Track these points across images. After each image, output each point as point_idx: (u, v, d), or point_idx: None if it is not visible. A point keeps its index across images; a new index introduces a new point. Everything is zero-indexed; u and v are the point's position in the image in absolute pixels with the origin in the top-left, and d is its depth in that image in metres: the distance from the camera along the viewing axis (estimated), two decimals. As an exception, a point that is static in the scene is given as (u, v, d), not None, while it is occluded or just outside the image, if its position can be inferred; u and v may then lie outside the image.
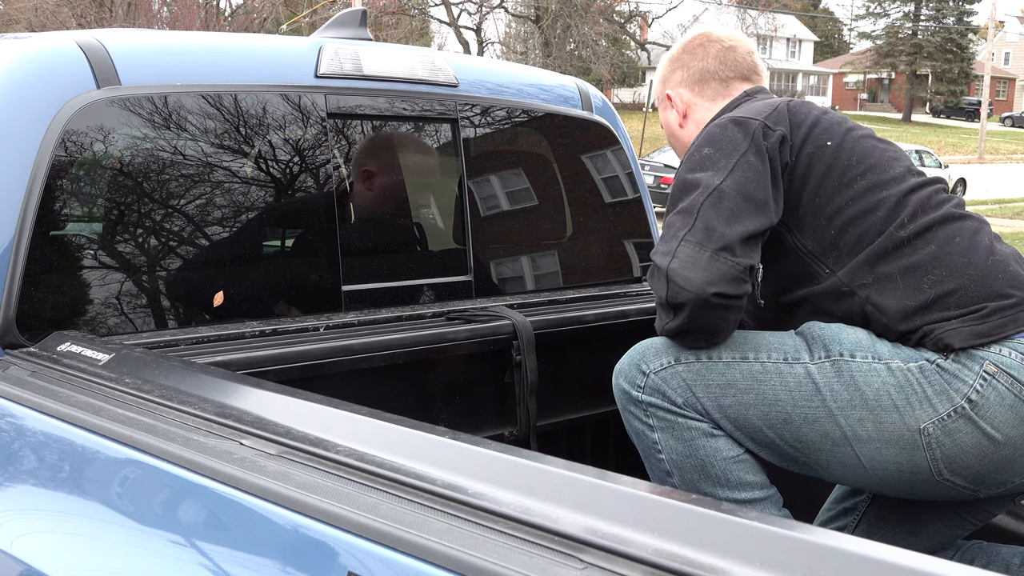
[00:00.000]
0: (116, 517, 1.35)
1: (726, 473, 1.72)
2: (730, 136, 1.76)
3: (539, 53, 34.24)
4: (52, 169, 1.78)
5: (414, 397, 2.08)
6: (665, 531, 0.91)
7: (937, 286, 1.66)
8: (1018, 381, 1.59)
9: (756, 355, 1.71)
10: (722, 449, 1.72)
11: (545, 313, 2.31)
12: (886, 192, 1.75)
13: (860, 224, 1.73)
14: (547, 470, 1.06)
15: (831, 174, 1.76)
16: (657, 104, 2.17)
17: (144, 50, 2.03)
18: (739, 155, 1.72)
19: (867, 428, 1.63)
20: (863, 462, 1.65)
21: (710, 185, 1.69)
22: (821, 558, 0.85)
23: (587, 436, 2.57)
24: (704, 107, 2.04)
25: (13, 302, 1.72)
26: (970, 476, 1.62)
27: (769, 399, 1.68)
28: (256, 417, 1.29)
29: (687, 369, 1.71)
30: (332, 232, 2.15)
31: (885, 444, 1.63)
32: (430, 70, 2.37)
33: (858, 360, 1.65)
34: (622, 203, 2.78)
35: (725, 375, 1.70)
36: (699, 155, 1.76)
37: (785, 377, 1.68)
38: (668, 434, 1.73)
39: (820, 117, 1.83)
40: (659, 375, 1.73)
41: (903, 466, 1.64)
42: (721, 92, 2.03)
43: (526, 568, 0.89)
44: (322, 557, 1.05)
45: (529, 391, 2.17)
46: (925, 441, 1.61)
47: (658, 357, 1.74)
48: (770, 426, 1.69)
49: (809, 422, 1.66)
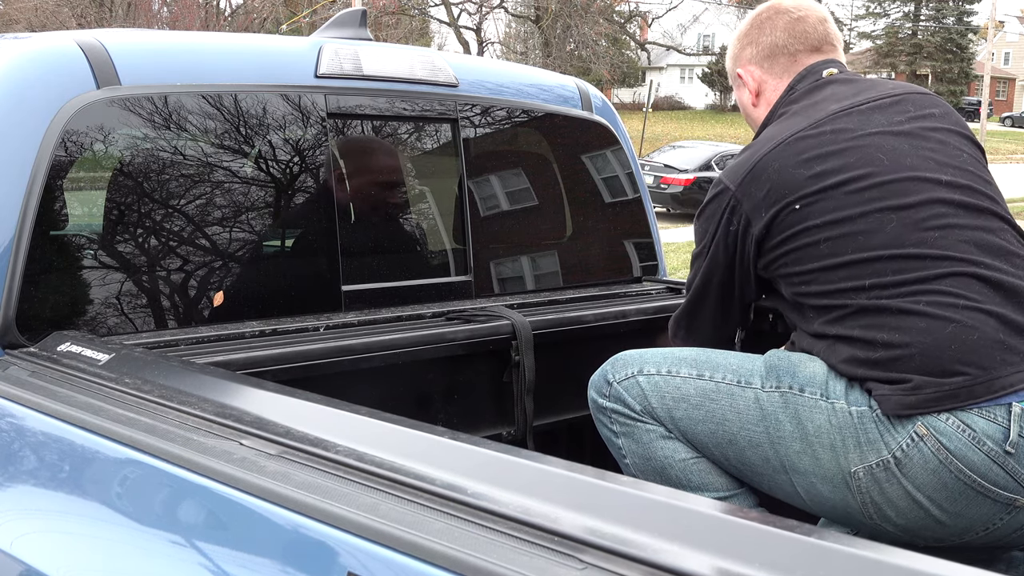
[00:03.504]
0: (116, 517, 1.35)
1: (686, 475, 1.78)
2: (708, 213, 1.86)
3: (539, 53, 34.25)
4: (52, 169, 1.78)
5: (413, 397, 2.08)
6: (665, 531, 0.91)
7: (885, 349, 1.61)
8: (945, 448, 1.55)
9: (712, 374, 1.77)
10: (678, 451, 1.78)
11: (544, 313, 2.31)
12: (854, 255, 1.66)
13: (828, 294, 1.69)
14: (547, 470, 1.06)
15: (797, 239, 1.72)
16: (731, 82, 2.14)
17: (144, 50, 2.03)
18: (709, 241, 1.85)
19: (804, 462, 1.66)
20: (801, 493, 1.69)
21: (695, 272, 1.92)
22: (821, 558, 0.85)
23: (586, 436, 2.57)
24: (773, 85, 1.99)
25: (13, 302, 1.72)
26: (900, 526, 1.63)
27: (717, 418, 1.74)
28: (256, 417, 1.29)
29: (647, 380, 1.80)
30: (332, 232, 2.15)
31: (820, 480, 1.65)
32: (430, 70, 2.37)
33: (806, 395, 1.66)
34: (622, 203, 2.78)
35: (680, 389, 1.77)
36: (696, 226, 1.92)
37: (735, 399, 1.73)
38: (629, 439, 1.83)
39: (791, 174, 1.72)
40: (621, 384, 1.83)
41: (836, 503, 1.66)
42: (789, 67, 1.97)
43: (526, 568, 0.89)
44: (322, 557, 1.05)
45: (527, 391, 2.17)
46: (855, 484, 1.62)
47: (624, 368, 1.84)
48: (716, 444, 1.75)
49: (752, 446, 1.71)
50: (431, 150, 2.46)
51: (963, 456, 1.55)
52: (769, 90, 1.99)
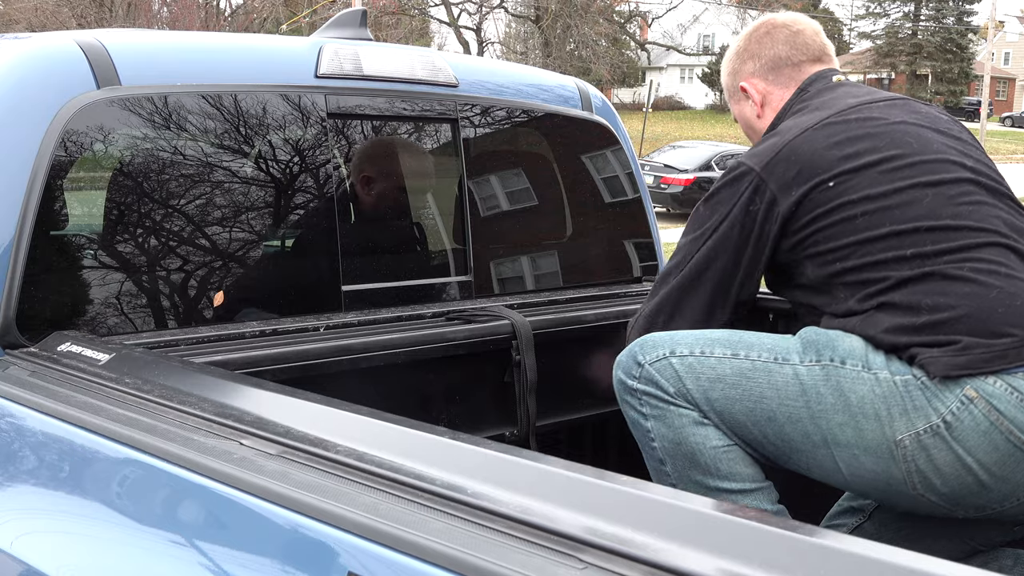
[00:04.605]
0: (116, 517, 1.35)
1: (715, 462, 1.75)
2: (721, 196, 1.84)
3: (539, 53, 34.25)
4: (52, 169, 1.78)
5: (414, 397, 2.08)
6: (664, 531, 0.91)
7: (931, 313, 1.64)
8: (996, 410, 1.57)
9: (747, 353, 1.75)
10: (711, 438, 1.75)
11: (544, 313, 2.31)
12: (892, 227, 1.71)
13: (867, 267, 1.72)
14: (547, 470, 1.06)
15: (832, 215, 1.75)
16: (728, 99, 2.18)
17: (144, 50, 2.03)
18: (719, 220, 1.83)
19: (847, 434, 1.65)
20: (841, 467, 1.68)
21: (686, 258, 1.87)
22: (821, 558, 0.85)
23: (587, 436, 2.57)
24: (778, 95, 2.04)
25: (13, 302, 1.72)
26: (944, 495, 1.63)
27: (755, 396, 1.72)
28: (256, 417, 1.29)
29: (680, 362, 1.77)
30: (332, 232, 2.15)
31: (863, 452, 1.65)
32: (430, 70, 2.37)
33: (847, 367, 1.66)
34: (622, 203, 2.78)
35: (716, 369, 1.74)
36: (697, 212, 1.89)
37: (773, 376, 1.71)
38: (660, 422, 1.78)
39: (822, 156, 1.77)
40: (653, 366, 1.78)
41: (879, 475, 1.65)
42: (793, 77, 2.04)
43: (526, 568, 0.89)
44: (322, 557, 1.05)
45: (528, 391, 2.17)
46: (901, 453, 1.62)
47: (654, 349, 1.80)
48: (754, 423, 1.73)
49: (792, 422, 1.69)
50: (431, 150, 2.46)
51: (1013, 417, 1.57)
52: (775, 100, 2.04)
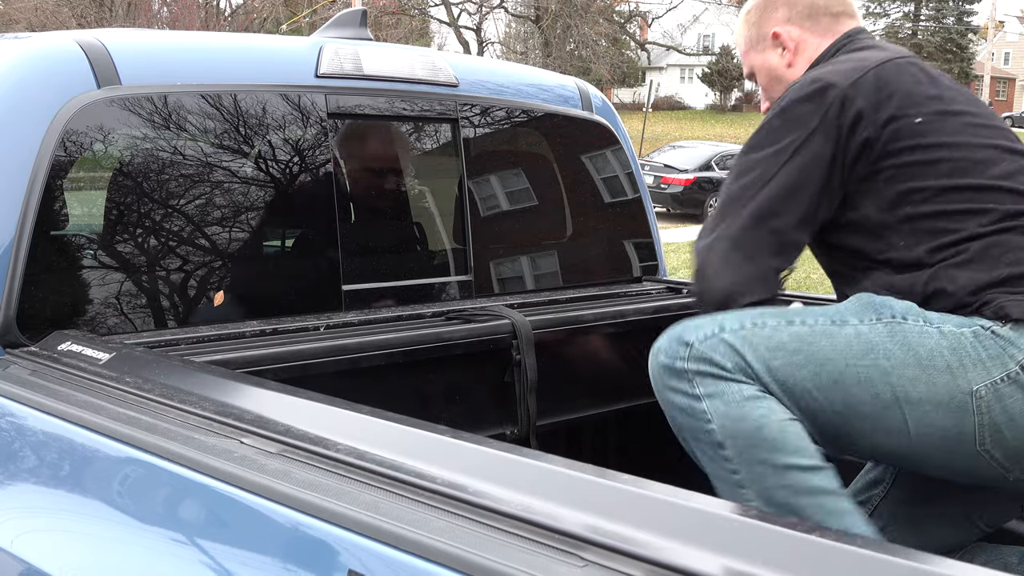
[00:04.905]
0: (117, 516, 1.35)
1: (783, 435, 1.63)
2: (802, 110, 1.72)
3: (539, 53, 34.24)
4: (52, 169, 1.78)
5: (414, 396, 2.08)
6: (666, 529, 0.91)
7: (1013, 266, 1.63)
8: None
9: (803, 319, 1.67)
10: (775, 410, 1.64)
11: (545, 313, 2.31)
12: (974, 180, 1.69)
13: (943, 215, 1.68)
14: (548, 468, 1.06)
15: (915, 153, 1.70)
16: (747, 51, 2.05)
17: (144, 50, 2.03)
18: (805, 135, 1.70)
19: (919, 389, 1.60)
20: (909, 426, 1.62)
21: (764, 176, 1.71)
22: (821, 556, 0.85)
23: (587, 435, 2.57)
24: (814, 44, 1.95)
25: (13, 301, 1.72)
26: (1009, 451, 1.60)
27: (819, 359, 1.64)
28: (256, 416, 1.29)
29: (734, 336, 1.66)
30: (332, 232, 2.15)
31: (935, 407, 1.60)
32: (430, 70, 2.37)
33: (910, 323, 1.63)
34: (622, 203, 2.78)
35: (773, 338, 1.66)
36: (769, 126, 1.76)
37: (835, 338, 1.65)
38: (717, 400, 1.65)
39: (912, 89, 1.74)
40: (704, 344, 1.67)
41: (948, 431, 1.60)
42: (831, 27, 1.94)
43: (527, 566, 0.89)
44: (323, 555, 1.05)
45: (529, 390, 2.17)
46: (976, 404, 1.58)
47: (701, 329, 1.69)
48: (819, 388, 1.64)
49: (860, 383, 1.62)
50: (431, 150, 2.46)
51: None
52: (810, 49, 1.95)
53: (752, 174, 1.73)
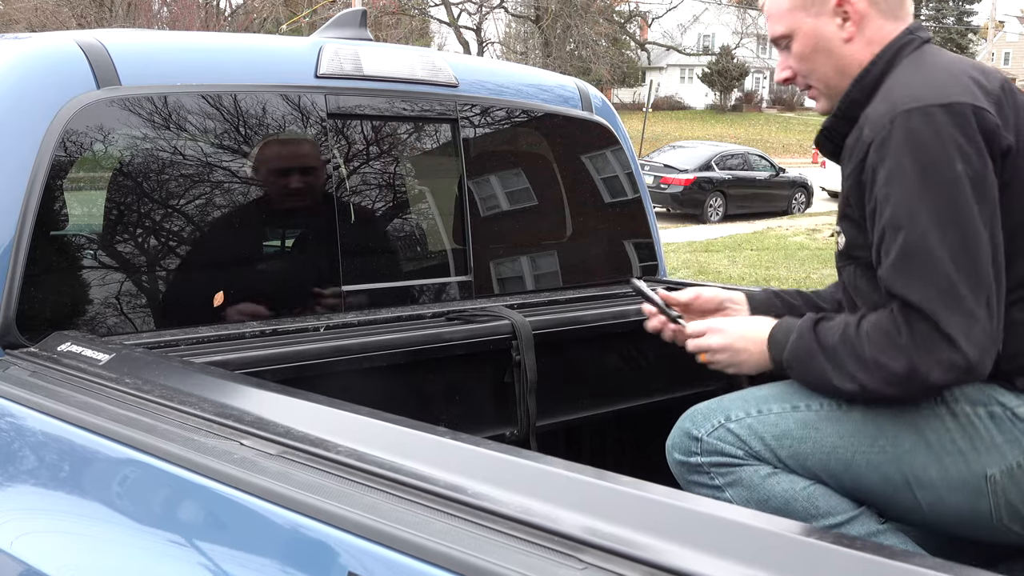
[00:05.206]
0: (116, 517, 1.35)
1: (813, 502, 1.63)
2: (946, 149, 1.48)
3: (539, 53, 34.24)
4: (52, 169, 1.78)
5: (414, 397, 2.08)
6: (665, 531, 0.91)
7: None
8: None
9: (807, 403, 1.64)
10: (796, 481, 1.63)
11: (544, 313, 2.31)
12: None
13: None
14: (547, 470, 1.06)
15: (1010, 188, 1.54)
16: (794, 7, 1.72)
17: (144, 50, 2.03)
18: (964, 164, 1.48)
19: (930, 474, 1.56)
20: (923, 507, 1.59)
21: (935, 227, 1.47)
22: (821, 558, 0.85)
23: (587, 436, 2.57)
24: (878, 25, 1.68)
25: (13, 302, 1.72)
26: None
27: (827, 447, 1.61)
28: (256, 417, 1.29)
29: (739, 426, 1.66)
30: (332, 232, 2.15)
31: (949, 490, 1.56)
32: (430, 70, 2.37)
33: (919, 404, 1.57)
34: (622, 203, 2.78)
35: (779, 426, 1.64)
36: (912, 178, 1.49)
37: (841, 423, 1.61)
38: (738, 487, 1.65)
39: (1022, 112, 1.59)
40: (712, 436, 1.66)
41: (963, 511, 1.57)
42: (898, 12, 1.70)
43: (526, 568, 0.89)
44: (322, 557, 1.05)
45: (528, 391, 2.17)
46: (990, 487, 1.55)
47: (707, 420, 1.68)
48: (829, 474, 1.63)
49: (871, 468, 1.60)
50: (431, 150, 2.46)
51: None
52: (877, 32, 1.68)
53: (919, 227, 1.49)
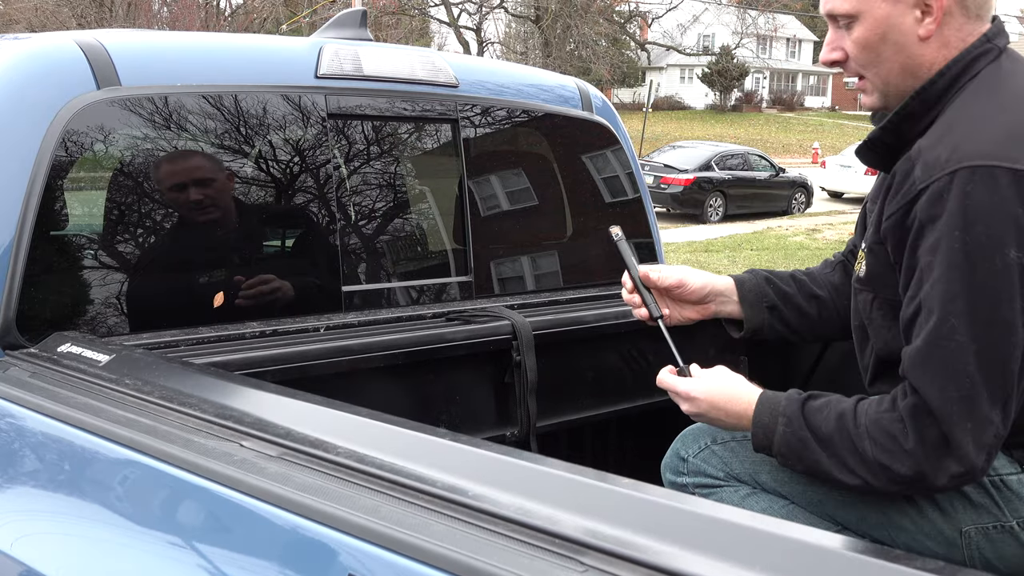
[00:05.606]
0: (116, 519, 1.35)
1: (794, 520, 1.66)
2: (1005, 230, 1.34)
3: (539, 53, 34.22)
4: (52, 169, 1.78)
5: (414, 398, 2.08)
6: (665, 533, 0.91)
7: None
8: None
9: None
10: (775, 501, 1.68)
11: (545, 313, 2.31)
12: None
13: None
14: (547, 472, 1.06)
15: None
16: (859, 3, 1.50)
17: (144, 50, 2.03)
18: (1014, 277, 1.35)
19: (906, 521, 1.58)
20: (899, 544, 1.60)
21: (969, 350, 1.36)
22: (820, 559, 0.85)
23: (587, 437, 2.57)
24: (961, 24, 1.49)
25: (13, 303, 1.71)
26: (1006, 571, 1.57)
27: (804, 480, 1.63)
28: (256, 419, 1.29)
29: (723, 448, 1.72)
30: (332, 232, 2.15)
31: (925, 536, 1.57)
32: (430, 70, 2.37)
33: None
34: (622, 203, 2.77)
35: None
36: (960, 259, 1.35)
37: None
38: None
39: None
40: (698, 457, 1.74)
41: (938, 555, 1.57)
42: (982, 11, 1.51)
43: (526, 570, 0.89)
44: (322, 559, 1.05)
45: (529, 391, 2.17)
46: (965, 542, 1.56)
47: (696, 442, 1.75)
48: (808, 503, 1.65)
49: (845, 507, 1.62)
50: (431, 150, 2.46)
51: None
52: (953, 28, 1.49)
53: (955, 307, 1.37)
